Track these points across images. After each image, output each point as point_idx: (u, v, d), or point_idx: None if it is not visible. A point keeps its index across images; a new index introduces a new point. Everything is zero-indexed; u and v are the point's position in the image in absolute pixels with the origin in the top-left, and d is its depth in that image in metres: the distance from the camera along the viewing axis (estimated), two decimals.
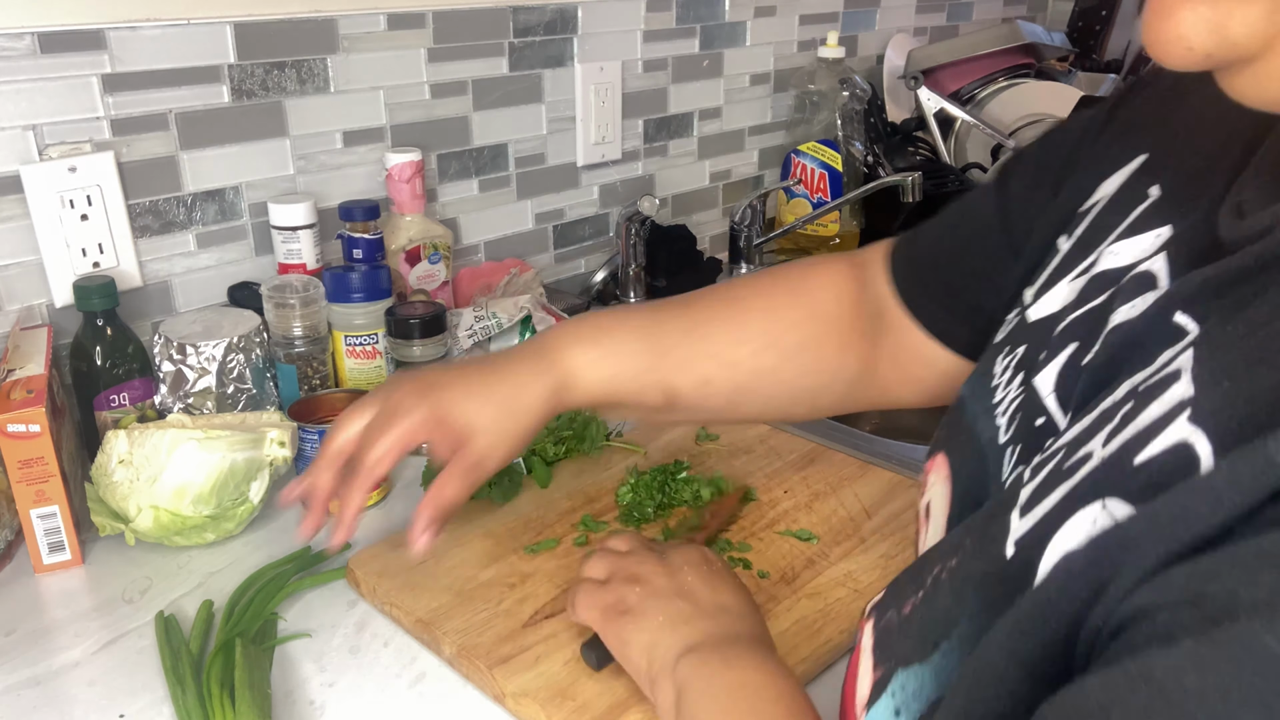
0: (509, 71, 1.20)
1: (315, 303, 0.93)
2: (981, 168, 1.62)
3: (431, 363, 0.94)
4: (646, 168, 1.41)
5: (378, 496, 0.87)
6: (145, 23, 0.92)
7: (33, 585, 0.77)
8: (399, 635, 0.71)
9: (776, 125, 1.59)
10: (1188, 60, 0.34)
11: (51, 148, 0.89)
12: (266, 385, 0.92)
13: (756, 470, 0.90)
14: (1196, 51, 0.33)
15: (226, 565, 0.79)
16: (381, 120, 1.10)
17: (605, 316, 0.70)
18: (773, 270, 0.73)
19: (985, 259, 0.60)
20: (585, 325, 0.68)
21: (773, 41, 1.52)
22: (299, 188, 1.06)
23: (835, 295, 0.69)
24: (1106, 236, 0.48)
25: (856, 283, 0.69)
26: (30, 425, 0.74)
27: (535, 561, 0.76)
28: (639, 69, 1.34)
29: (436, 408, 0.63)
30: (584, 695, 0.62)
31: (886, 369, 0.68)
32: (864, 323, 0.68)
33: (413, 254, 1.08)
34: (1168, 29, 0.34)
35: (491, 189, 1.24)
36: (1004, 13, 2.01)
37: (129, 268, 0.95)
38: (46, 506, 0.76)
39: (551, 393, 0.65)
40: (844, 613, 0.70)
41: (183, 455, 0.77)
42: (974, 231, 0.61)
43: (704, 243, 1.53)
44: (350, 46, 1.05)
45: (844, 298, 0.69)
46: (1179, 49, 0.34)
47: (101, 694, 0.65)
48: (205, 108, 0.97)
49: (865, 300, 0.68)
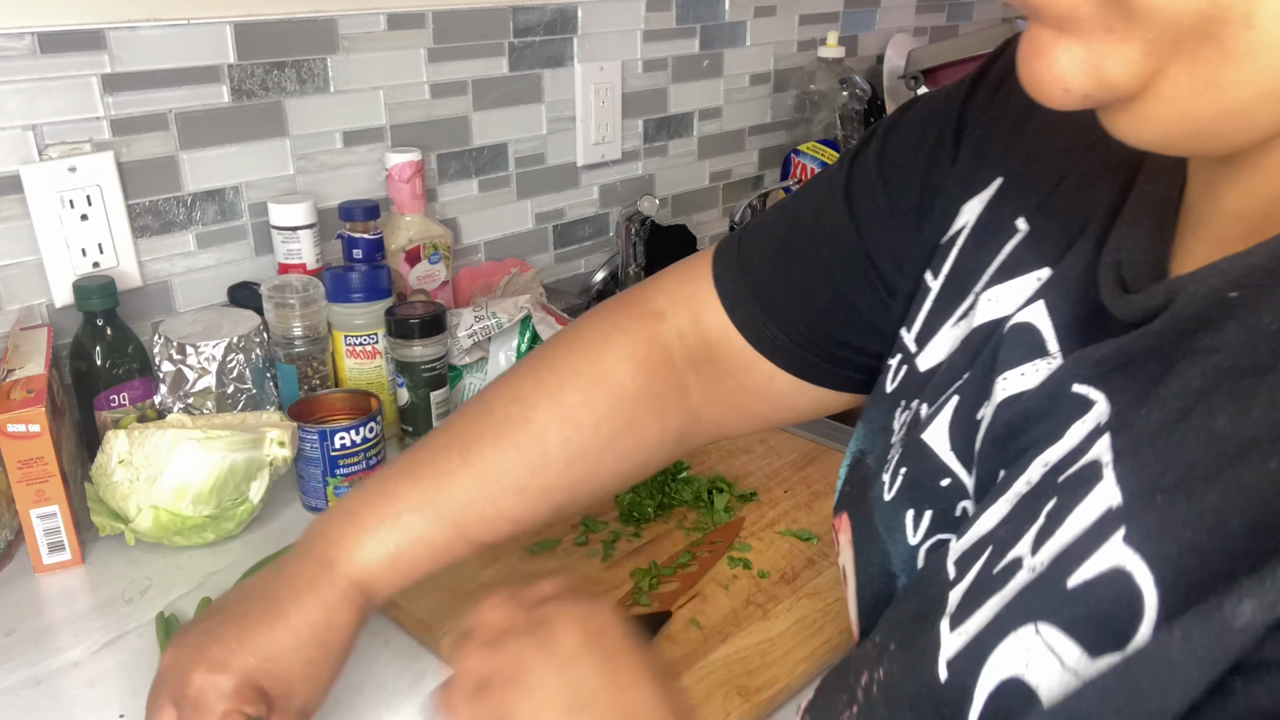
0: (509, 71, 1.20)
1: (315, 303, 0.93)
2: None
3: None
4: (646, 168, 1.41)
5: None
6: (145, 23, 0.92)
7: (33, 585, 0.77)
8: (399, 635, 0.71)
9: (776, 125, 1.59)
10: (1066, 101, 0.33)
11: (51, 148, 0.89)
12: (266, 385, 0.92)
13: (756, 470, 0.90)
14: (1074, 93, 0.32)
15: (226, 565, 0.79)
16: (381, 120, 1.10)
17: (370, 491, 0.59)
18: (552, 359, 0.62)
19: (849, 291, 0.55)
20: (358, 510, 0.58)
21: (773, 41, 1.52)
22: (299, 188, 1.06)
23: (635, 367, 0.61)
24: (979, 276, 0.46)
25: (658, 342, 0.62)
26: (30, 425, 0.74)
27: (535, 561, 0.76)
28: (639, 69, 1.34)
29: (242, 678, 0.53)
30: None
31: (720, 411, 0.63)
32: (681, 378, 0.62)
33: (413, 254, 1.08)
34: (1042, 69, 0.32)
35: (491, 189, 1.24)
36: (1004, 13, 2.01)
37: (129, 268, 0.95)
38: (46, 506, 0.76)
39: (358, 609, 0.57)
40: (844, 613, 0.70)
41: (183, 455, 0.77)
42: (830, 257, 0.56)
43: (704, 243, 1.53)
44: (350, 46, 1.05)
45: (649, 364, 0.61)
46: (1056, 90, 0.32)
47: (101, 694, 0.65)
48: (205, 108, 0.97)
49: (679, 352, 0.62)
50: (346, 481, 0.85)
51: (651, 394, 0.61)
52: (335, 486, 0.85)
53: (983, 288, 0.46)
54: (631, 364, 0.61)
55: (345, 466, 0.84)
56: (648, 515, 0.82)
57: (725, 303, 0.60)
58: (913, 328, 0.50)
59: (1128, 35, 0.30)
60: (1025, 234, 0.45)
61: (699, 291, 0.61)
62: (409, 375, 0.94)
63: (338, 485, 0.85)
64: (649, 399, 0.61)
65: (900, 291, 0.53)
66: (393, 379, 0.96)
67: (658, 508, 0.83)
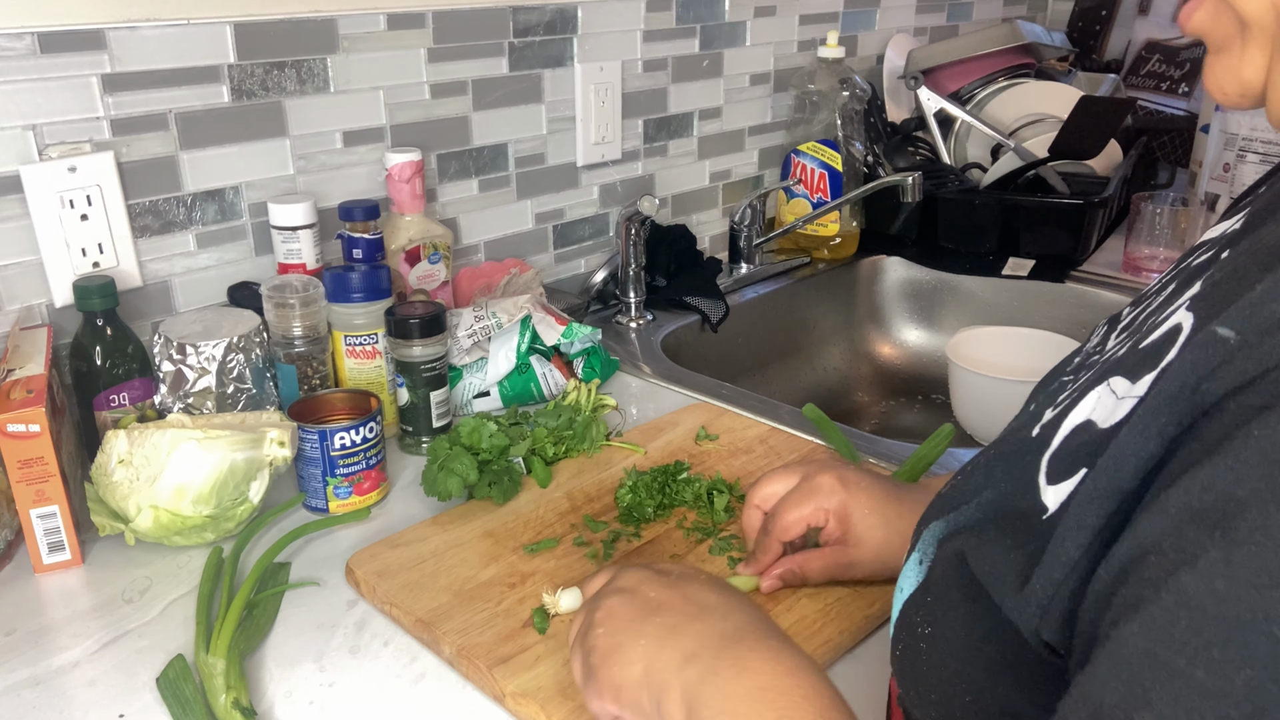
0: (509, 71, 1.20)
1: (315, 303, 0.93)
2: (981, 167, 1.63)
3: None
4: (646, 168, 1.41)
5: (377, 497, 0.87)
6: (145, 23, 0.92)
7: (32, 585, 0.77)
8: (399, 635, 0.71)
9: (776, 125, 1.59)
10: (1229, 102, 0.44)
11: (51, 148, 0.89)
12: (266, 385, 0.92)
13: (757, 470, 0.90)
14: (1230, 95, 0.44)
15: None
16: (381, 120, 1.10)
17: None
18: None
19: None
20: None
21: (773, 41, 1.52)
22: (299, 188, 1.06)
23: None
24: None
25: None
26: (30, 425, 0.74)
27: (535, 561, 0.76)
28: (639, 69, 1.34)
29: (845, 505, 0.68)
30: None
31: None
32: None
33: (413, 254, 1.08)
34: (1209, 82, 0.45)
35: (491, 189, 1.24)
36: (1004, 13, 2.01)
37: (129, 268, 0.95)
38: (46, 506, 0.76)
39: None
40: (843, 613, 0.70)
41: (182, 455, 0.77)
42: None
43: (704, 243, 1.53)
44: (350, 46, 1.05)
45: None
46: (1219, 95, 0.44)
47: (101, 694, 0.65)
48: (205, 108, 0.97)
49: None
50: (346, 482, 0.85)
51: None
52: (335, 486, 0.85)
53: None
54: None
55: (345, 466, 0.84)
56: (648, 515, 0.82)
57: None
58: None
59: (1249, 45, 0.42)
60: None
61: None
62: (409, 375, 0.94)
63: (337, 485, 0.85)
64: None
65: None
66: (393, 379, 0.96)
67: (658, 508, 0.83)
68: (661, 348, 1.23)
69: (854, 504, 0.68)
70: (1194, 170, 1.69)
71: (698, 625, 0.52)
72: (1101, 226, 1.54)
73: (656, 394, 1.10)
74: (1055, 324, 1.31)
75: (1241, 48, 0.42)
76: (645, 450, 0.94)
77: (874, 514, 0.68)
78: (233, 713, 0.61)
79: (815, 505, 0.69)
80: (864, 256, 1.57)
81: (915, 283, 1.57)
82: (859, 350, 1.57)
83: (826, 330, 1.53)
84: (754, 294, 1.43)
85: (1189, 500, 0.31)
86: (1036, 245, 1.50)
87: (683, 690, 0.49)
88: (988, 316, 1.49)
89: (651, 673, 0.51)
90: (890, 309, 1.59)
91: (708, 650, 0.50)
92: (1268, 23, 0.41)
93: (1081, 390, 0.42)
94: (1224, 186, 1.59)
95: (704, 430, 0.97)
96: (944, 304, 1.55)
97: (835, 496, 0.68)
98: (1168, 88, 1.93)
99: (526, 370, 1.03)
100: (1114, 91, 1.79)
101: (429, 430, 0.95)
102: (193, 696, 0.63)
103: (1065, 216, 1.47)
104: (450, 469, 0.83)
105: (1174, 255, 1.43)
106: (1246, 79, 0.42)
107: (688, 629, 0.52)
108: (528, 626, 0.69)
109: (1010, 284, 1.48)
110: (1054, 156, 1.52)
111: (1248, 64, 0.42)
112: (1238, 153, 1.53)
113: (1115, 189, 1.53)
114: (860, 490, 0.68)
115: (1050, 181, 1.53)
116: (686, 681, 0.49)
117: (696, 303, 1.33)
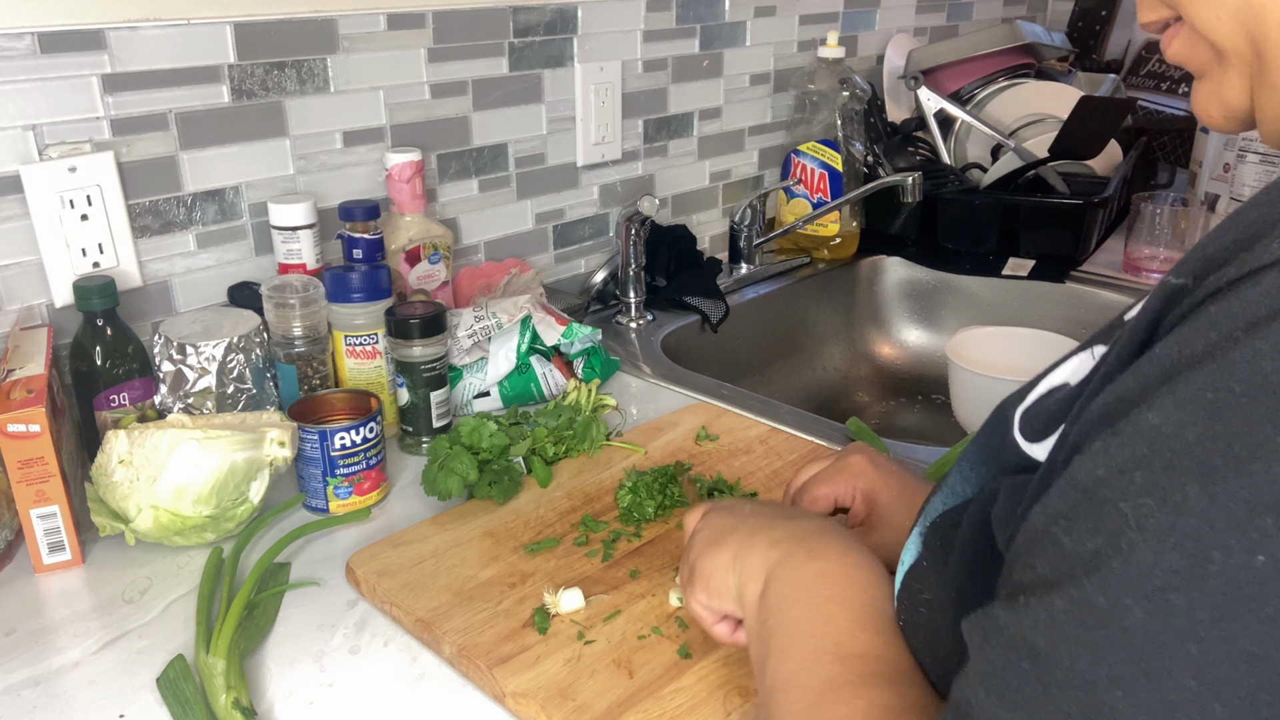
0: (509, 71, 1.20)
1: (315, 303, 0.93)
2: (981, 167, 1.63)
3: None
4: (646, 168, 1.41)
5: (377, 497, 0.87)
6: (145, 23, 0.92)
7: (33, 585, 0.77)
8: (399, 635, 0.71)
9: (776, 125, 1.59)
10: (1214, 124, 0.46)
11: (51, 148, 0.89)
12: (266, 385, 0.92)
13: (756, 470, 0.90)
14: (1215, 117, 0.45)
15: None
16: (381, 120, 1.10)
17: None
18: None
19: None
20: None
21: (773, 41, 1.52)
22: (299, 188, 1.06)
23: None
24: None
25: None
26: (30, 425, 0.74)
27: (535, 561, 0.76)
28: (639, 69, 1.34)
29: (874, 486, 0.70)
30: (584, 695, 0.62)
31: None
32: None
33: (413, 254, 1.08)
34: (1195, 106, 0.47)
35: (491, 189, 1.24)
36: (1004, 13, 2.01)
37: (129, 268, 0.95)
38: (46, 506, 0.76)
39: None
40: None
41: (183, 455, 0.77)
42: None
43: (704, 243, 1.53)
44: (350, 46, 1.05)
45: None
46: (1204, 117, 0.46)
47: (101, 694, 0.65)
48: (205, 108, 0.97)
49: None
50: (347, 482, 0.85)
51: None
52: (335, 486, 0.85)
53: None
54: None
55: (345, 466, 0.84)
56: (648, 515, 0.82)
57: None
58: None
59: (1228, 71, 0.43)
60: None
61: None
62: (409, 375, 0.94)
63: (337, 485, 0.85)
64: None
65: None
66: (393, 379, 0.96)
67: (658, 508, 0.83)
68: (661, 348, 1.23)
69: (882, 486, 0.70)
70: (1194, 170, 1.69)
71: (786, 523, 0.60)
72: (1101, 227, 1.54)
73: (656, 394, 1.10)
74: (1055, 324, 1.31)
75: (1221, 74, 0.44)
76: (645, 450, 0.94)
77: (899, 499, 0.69)
78: (233, 713, 0.61)
79: (845, 482, 0.70)
80: (864, 257, 1.57)
81: (915, 283, 1.57)
82: (859, 350, 1.57)
83: (826, 330, 1.54)
84: (754, 294, 1.43)
85: (1095, 407, 0.37)
86: (1036, 245, 1.50)
87: (765, 569, 0.56)
88: (988, 316, 1.49)
89: (739, 557, 0.58)
90: (890, 309, 1.59)
91: (791, 539, 0.57)
92: (1242, 49, 0.42)
93: (1065, 359, 0.45)
94: (1224, 187, 1.59)
95: (704, 430, 0.97)
96: (944, 304, 1.55)
97: (864, 476, 0.70)
98: (1168, 88, 1.93)
99: (526, 370, 1.03)
100: (1114, 92, 1.79)
101: (429, 430, 0.95)
102: (193, 696, 0.63)
103: (1065, 217, 1.47)
104: (450, 469, 0.83)
105: (1174, 255, 1.43)
106: (1229, 103, 0.44)
107: (777, 525, 0.59)
108: (528, 626, 0.69)
109: (1010, 284, 1.49)
110: (1054, 156, 1.52)
111: (1228, 89, 0.44)
112: (1238, 153, 1.53)
113: (1115, 189, 1.53)
114: (890, 475, 0.70)
115: (1050, 182, 1.53)
116: (769, 562, 0.56)
117: (696, 303, 1.33)
